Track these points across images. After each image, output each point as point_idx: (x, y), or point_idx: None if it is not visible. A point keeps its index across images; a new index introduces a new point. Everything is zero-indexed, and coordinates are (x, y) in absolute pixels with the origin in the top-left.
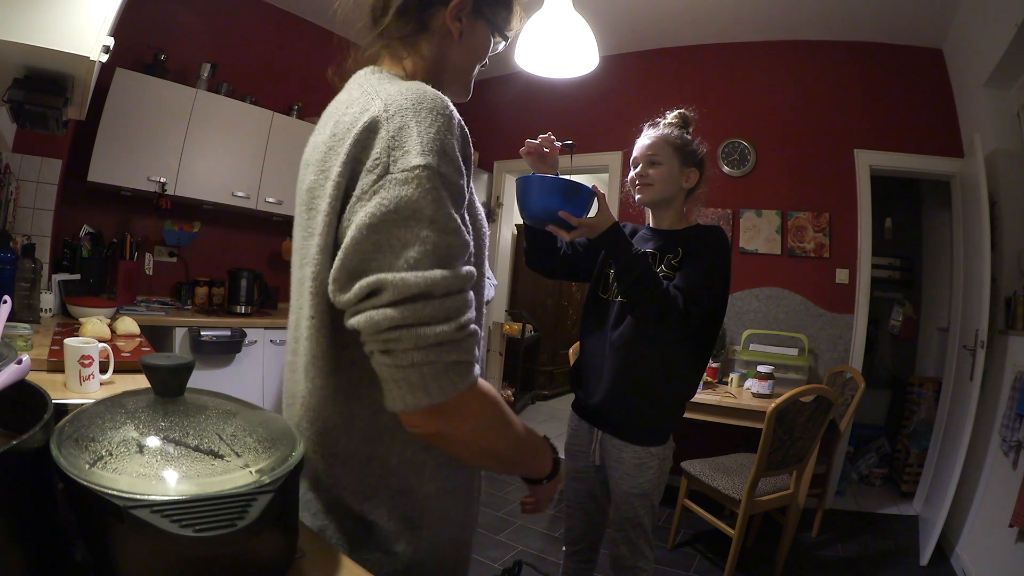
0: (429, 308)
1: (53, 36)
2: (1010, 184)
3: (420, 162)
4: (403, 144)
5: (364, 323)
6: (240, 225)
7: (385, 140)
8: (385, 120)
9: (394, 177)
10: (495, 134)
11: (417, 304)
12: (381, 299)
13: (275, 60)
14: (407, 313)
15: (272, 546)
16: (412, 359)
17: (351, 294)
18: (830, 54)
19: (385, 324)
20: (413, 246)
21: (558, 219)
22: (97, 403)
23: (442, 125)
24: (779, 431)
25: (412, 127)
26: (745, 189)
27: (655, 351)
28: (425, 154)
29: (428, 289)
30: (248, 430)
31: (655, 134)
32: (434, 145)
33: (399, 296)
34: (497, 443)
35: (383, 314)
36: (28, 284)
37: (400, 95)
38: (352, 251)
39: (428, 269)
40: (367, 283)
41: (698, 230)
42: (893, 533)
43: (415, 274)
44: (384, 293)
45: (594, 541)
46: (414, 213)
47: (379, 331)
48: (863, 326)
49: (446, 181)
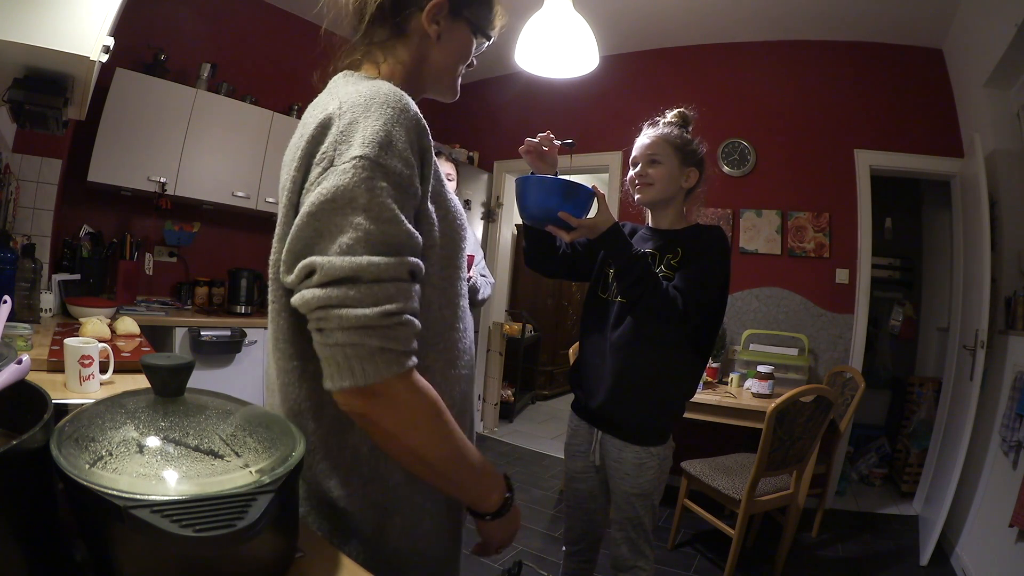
0: (354, 292)
1: (53, 36)
2: (1010, 184)
3: (358, 152)
4: (349, 138)
5: (299, 301)
6: (240, 225)
7: (334, 135)
8: (337, 117)
9: (335, 168)
10: (495, 134)
11: (343, 287)
12: (312, 280)
13: (275, 60)
14: (333, 294)
15: (272, 546)
16: (337, 339)
17: (293, 276)
18: (830, 54)
19: (314, 303)
20: (346, 232)
21: (557, 219)
22: (97, 403)
23: (390, 118)
24: (779, 431)
25: (360, 122)
26: (745, 189)
27: (655, 351)
28: (365, 145)
29: (354, 274)
30: (248, 430)
31: (655, 133)
32: (376, 137)
33: (327, 278)
34: (426, 447)
35: (312, 293)
36: (28, 284)
37: (356, 94)
38: (296, 236)
39: (359, 255)
40: (303, 265)
41: (697, 230)
42: (893, 533)
43: (343, 259)
44: (315, 275)
45: (594, 541)
46: (349, 201)
47: (310, 309)
48: (863, 326)
49: (386, 171)
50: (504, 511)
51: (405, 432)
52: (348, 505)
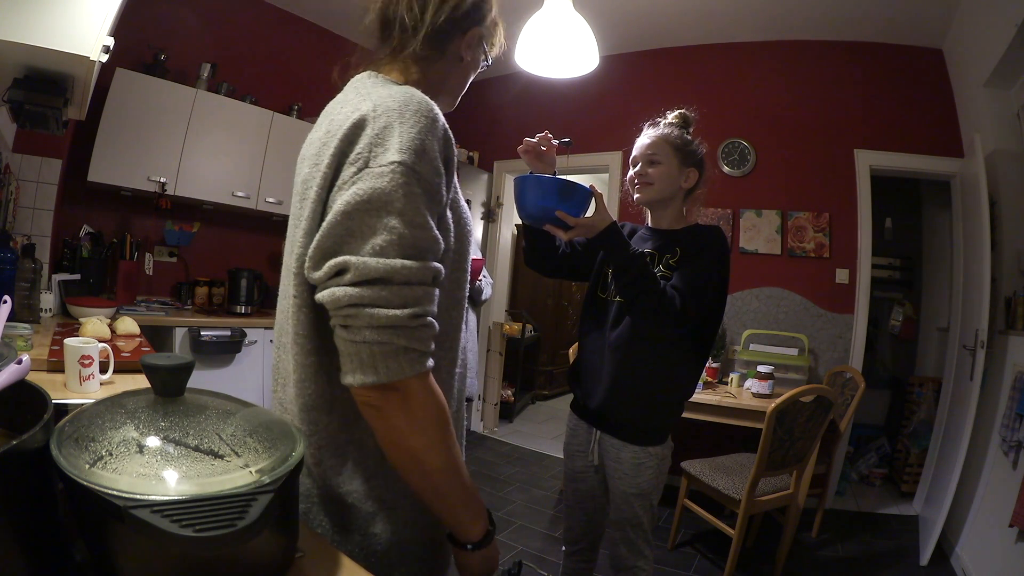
0: (386, 292)
1: (53, 36)
2: (1010, 184)
3: (396, 158)
4: (384, 142)
5: (327, 298)
6: (240, 225)
7: (369, 137)
8: (372, 119)
9: (372, 171)
10: (495, 134)
11: (375, 287)
12: (344, 278)
13: (275, 60)
14: (365, 293)
15: (272, 546)
16: (364, 336)
17: (321, 272)
18: (830, 54)
19: (344, 300)
20: (380, 234)
21: (555, 219)
22: (97, 403)
23: (424, 127)
24: (779, 431)
25: (395, 127)
26: (745, 189)
27: (654, 351)
28: (403, 152)
29: (387, 275)
30: (248, 430)
31: (655, 133)
32: (413, 144)
33: (360, 277)
34: (428, 452)
35: (344, 291)
36: (28, 284)
37: (389, 97)
38: (327, 234)
39: (392, 257)
40: (334, 263)
41: (696, 230)
42: (893, 533)
43: (377, 260)
44: (348, 273)
45: (594, 541)
46: (385, 204)
47: (339, 307)
48: (863, 326)
49: (421, 179)
50: (487, 542)
51: (413, 432)
52: (353, 499)
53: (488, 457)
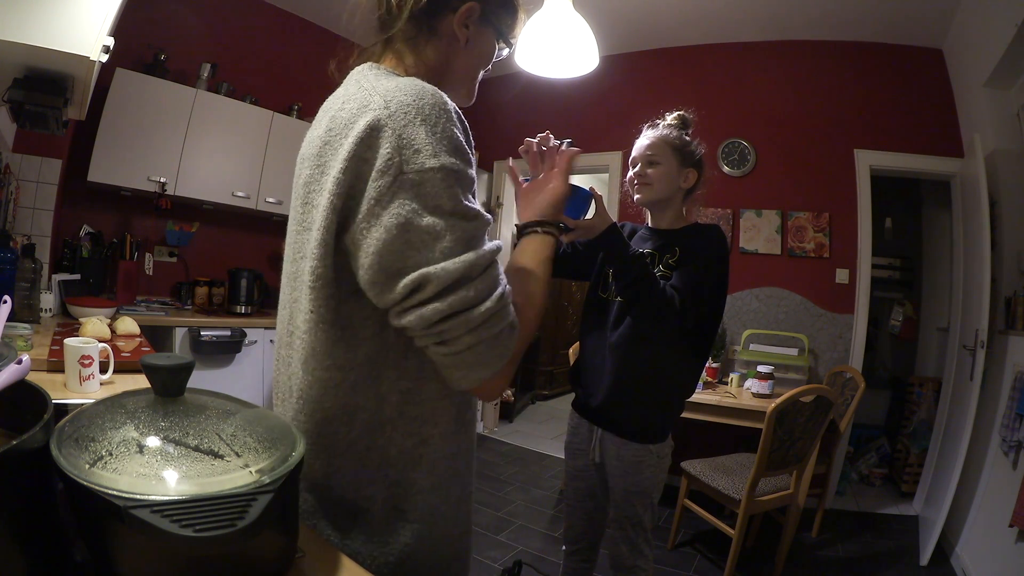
0: (472, 292)
1: (53, 36)
2: (1010, 184)
3: (435, 164)
4: (412, 143)
5: (415, 321)
6: (240, 225)
7: (393, 140)
8: (388, 118)
9: (409, 178)
10: (495, 134)
11: (459, 291)
12: (426, 292)
13: (275, 60)
14: (454, 302)
15: (272, 546)
16: (466, 343)
17: (395, 293)
18: (830, 54)
19: (436, 317)
20: (444, 237)
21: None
22: (97, 403)
23: (446, 119)
24: (779, 431)
25: (418, 125)
26: (745, 189)
27: (654, 350)
28: (438, 155)
29: (467, 272)
30: (248, 430)
31: (654, 134)
32: (443, 144)
33: (443, 285)
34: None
35: (432, 309)
36: (28, 284)
37: (399, 91)
38: (386, 252)
39: (462, 254)
40: (411, 280)
41: (696, 229)
42: (893, 533)
43: (452, 261)
44: (428, 286)
45: (594, 540)
46: (435, 208)
47: (430, 325)
48: (863, 326)
49: (459, 175)
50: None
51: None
52: (370, 506)
53: (488, 457)
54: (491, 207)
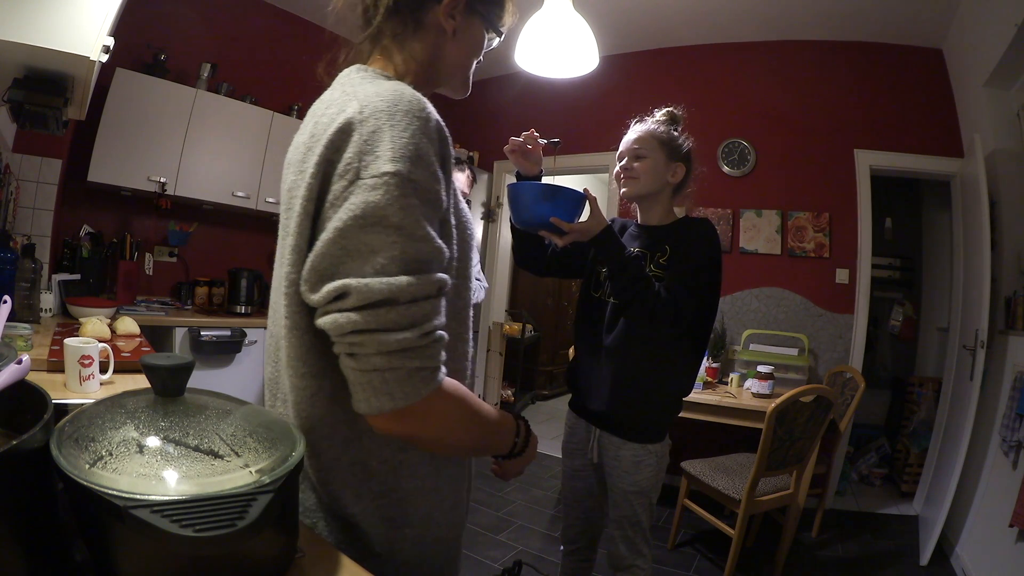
0: (393, 314)
1: (53, 36)
2: (1010, 184)
3: (389, 168)
4: (374, 149)
5: (329, 325)
6: (240, 225)
7: (358, 144)
8: (359, 123)
9: (364, 183)
10: (495, 134)
11: (380, 310)
12: (346, 303)
13: (275, 60)
14: (370, 318)
15: (272, 546)
16: (375, 364)
17: (319, 296)
18: (830, 54)
19: (348, 327)
20: (380, 252)
21: (550, 224)
22: (97, 403)
23: (417, 128)
24: (779, 431)
25: (385, 131)
26: (745, 189)
27: (650, 349)
28: (395, 160)
29: (393, 295)
30: (248, 430)
31: (641, 128)
32: (406, 151)
33: (363, 301)
34: (465, 439)
35: (347, 318)
36: (28, 284)
37: (376, 96)
38: (322, 254)
39: (395, 275)
40: (334, 287)
41: (685, 223)
42: (893, 533)
43: (380, 280)
44: (349, 297)
45: (592, 539)
46: (381, 220)
47: (343, 334)
48: (863, 326)
49: (417, 187)
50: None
51: (445, 437)
52: (361, 520)
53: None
54: (491, 207)
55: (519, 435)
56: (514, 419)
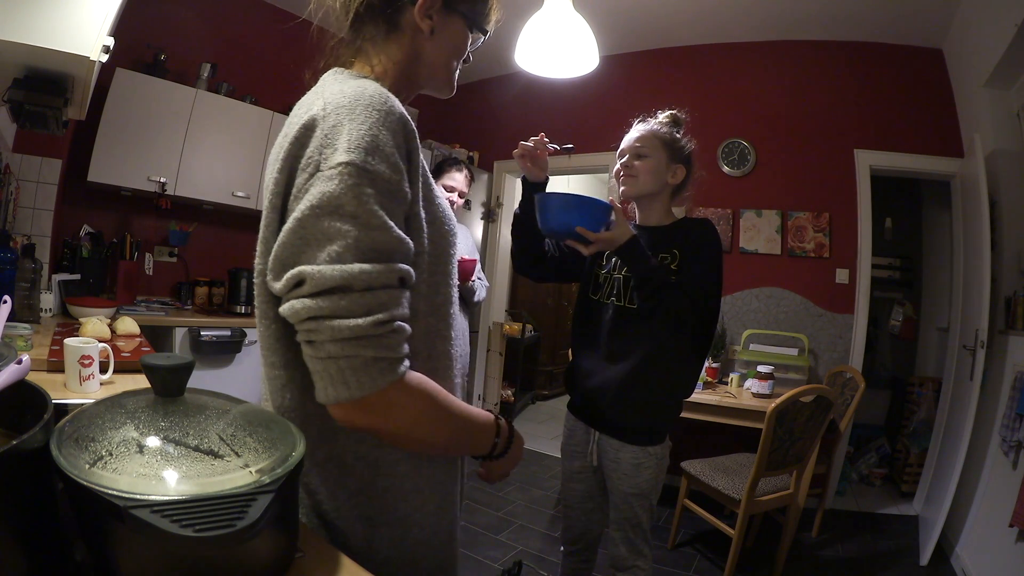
0: (345, 301)
1: (53, 36)
2: (1010, 184)
3: (344, 159)
4: (334, 142)
5: (288, 312)
6: (240, 225)
7: (319, 139)
8: (321, 118)
9: (322, 174)
10: (495, 134)
11: (334, 296)
12: (303, 290)
13: (275, 60)
14: (323, 304)
15: (272, 546)
16: (329, 351)
17: (280, 284)
18: (830, 54)
19: (304, 314)
20: (335, 240)
21: (576, 234)
22: (97, 403)
23: (376, 121)
24: (779, 431)
25: (344, 124)
26: (745, 189)
27: (650, 352)
28: (351, 151)
29: (345, 283)
30: (248, 430)
31: (644, 127)
32: (362, 141)
33: (317, 288)
34: (434, 436)
35: (303, 304)
36: (28, 284)
37: (340, 94)
38: (283, 244)
39: (348, 263)
40: (291, 275)
41: (688, 224)
42: (893, 533)
43: (333, 267)
44: (305, 284)
45: (592, 541)
46: (336, 208)
47: (299, 320)
48: (863, 326)
49: (374, 177)
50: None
51: (410, 431)
52: (336, 518)
53: None
54: (491, 207)
55: (499, 435)
56: (494, 419)
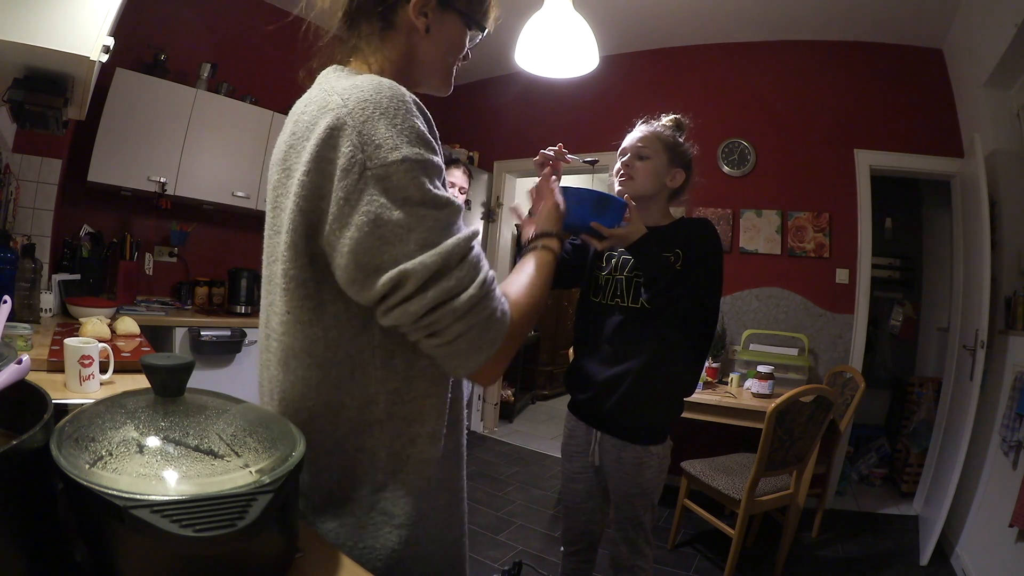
0: (452, 282)
1: (53, 36)
2: (1010, 184)
3: (398, 156)
4: (373, 139)
5: (402, 317)
6: (240, 225)
7: (354, 137)
8: (347, 115)
9: (374, 172)
10: (495, 134)
11: (440, 281)
12: (407, 289)
13: (275, 60)
14: (437, 293)
15: (272, 546)
16: (456, 331)
17: (375, 291)
18: (830, 54)
19: (421, 311)
20: (416, 229)
21: (591, 229)
22: (97, 403)
23: (405, 111)
24: (779, 431)
25: (378, 119)
26: (745, 189)
27: (656, 351)
28: (399, 147)
29: (446, 261)
30: (248, 430)
31: (647, 128)
32: (405, 135)
33: (422, 279)
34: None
35: (416, 304)
36: (28, 284)
37: (356, 88)
38: (360, 250)
39: (438, 245)
40: (389, 277)
41: (687, 224)
42: (893, 533)
43: (428, 254)
44: (408, 282)
45: (592, 541)
46: (405, 201)
47: (417, 320)
48: (863, 326)
49: (425, 164)
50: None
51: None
52: (354, 508)
53: (488, 457)
54: (491, 207)
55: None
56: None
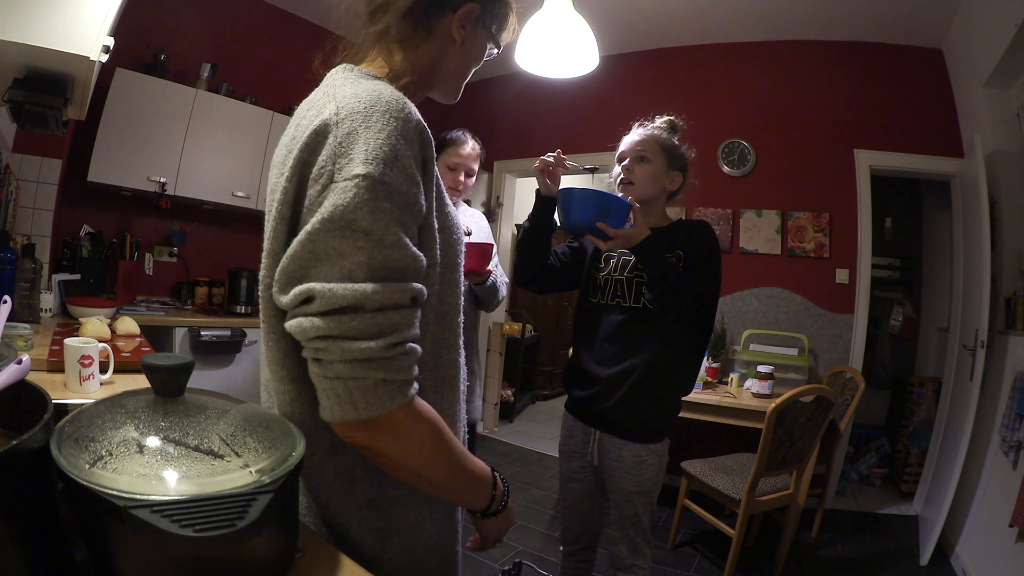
0: (357, 322)
1: (53, 36)
2: (1010, 184)
3: (361, 171)
4: (348, 151)
5: (295, 328)
6: (240, 225)
7: (332, 147)
8: (335, 124)
9: (336, 186)
10: (495, 134)
11: (344, 317)
12: (311, 307)
13: (275, 60)
14: (333, 324)
15: (272, 546)
16: (338, 371)
17: (288, 299)
18: (830, 54)
19: (312, 332)
20: (348, 257)
21: (596, 230)
22: (97, 403)
23: (393, 129)
24: (779, 431)
25: (360, 133)
26: (745, 189)
27: (657, 350)
28: (368, 163)
29: (358, 302)
30: (248, 430)
31: (644, 132)
32: (380, 152)
33: (327, 307)
34: (430, 469)
35: (311, 322)
36: (28, 284)
37: (354, 98)
38: (292, 257)
39: (360, 282)
40: (300, 290)
41: (688, 226)
42: (893, 533)
43: (344, 286)
44: (314, 302)
45: (592, 541)
46: (349, 223)
47: (308, 338)
48: (863, 326)
49: (390, 191)
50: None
51: (409, 459)
52: (347, 531)
53: (488, 457)
54: (491, 207)
55: (496, 489)
56: (491, 472)
